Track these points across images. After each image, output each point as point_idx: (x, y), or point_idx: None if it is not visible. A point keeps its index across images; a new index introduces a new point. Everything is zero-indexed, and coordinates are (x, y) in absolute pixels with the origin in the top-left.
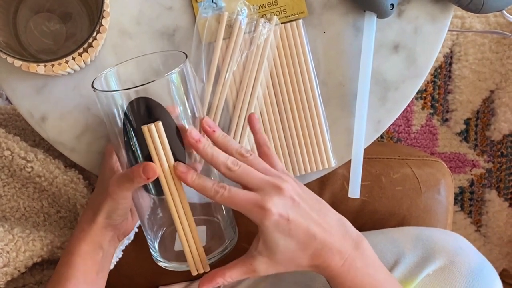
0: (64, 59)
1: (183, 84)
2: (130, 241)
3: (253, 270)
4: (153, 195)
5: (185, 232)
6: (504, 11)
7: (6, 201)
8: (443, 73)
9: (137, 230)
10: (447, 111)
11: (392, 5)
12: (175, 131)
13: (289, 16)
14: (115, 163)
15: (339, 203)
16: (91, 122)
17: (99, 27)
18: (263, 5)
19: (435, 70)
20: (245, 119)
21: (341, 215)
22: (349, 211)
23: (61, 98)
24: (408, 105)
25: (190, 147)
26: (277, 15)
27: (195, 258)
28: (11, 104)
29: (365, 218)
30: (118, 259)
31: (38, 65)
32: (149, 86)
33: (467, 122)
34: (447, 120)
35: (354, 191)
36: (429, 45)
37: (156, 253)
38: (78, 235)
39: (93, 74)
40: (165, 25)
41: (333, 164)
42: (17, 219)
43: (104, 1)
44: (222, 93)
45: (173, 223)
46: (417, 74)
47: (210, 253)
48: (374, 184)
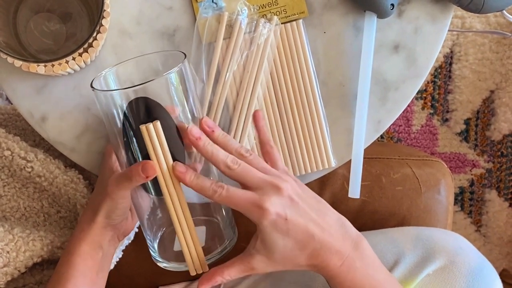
0: (64, 59)
1: (182, 84)
2: (130, 241)
3: (251, 268)
4: (152, 195)
5: (184, 232)
6: (504, 11)
7: (6, 201)
8: (443, 73)
9: (137, 230)
10: (447, 111)
11: (392, 5)
12: (175, 131)
13: (289, 16)
14: (115, 163)
15: (339, 203)
16: (91, 122)
17: (99, 27)
18: (263, 5)
19: (435, 70)
20: (245, 119)
21: (341, 215)
22: (349, 211)
23: (61, 98)
24: (408, 105)
25: (190, 147)
26: (277, 15)
27: (193, 258)
28: (11, 104)
29: (365, 218)
30: (118, 259)
31: (38, 65)
32: (148, 86)
33: (467, 122)
34: (447, 120)
35: (354, 191)
36: (429, 45)
37: (155, 253)
38: (78, 235)
39: (93, 74)
40: (165, 25)
41: (333, 164)
42: (17, 219)
43: (104, 1)
44: (222, 93)
45: (172, 223)
46: (417, 74)
47: (209, 253)
48: (374, 184)
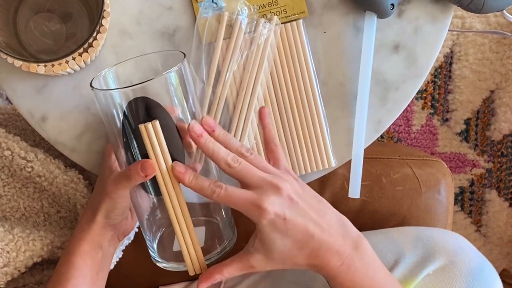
0: (64, 59)
1: (181, 83)
2: (130, 241)
3: (250, 266)
4: (151, 196)
5: (183, 232)
6: (504, 11)
7: (6, 201)
8: (443, 73)
9: (137, 230)
10: (447, 111)
11: (392, 5)
12: (175, 131)
13: (289, 16)
14: (114, 163)
15: (339, 203)
16: (91, 122)
17: (99, 27)
18: (264, 5)
19: (435, 70)
20: (245, 119)
21: (342, 215)
22: (349, 211)
23: (61, 98)
24: (408, 105)
25: (189, 147)
26: (277, 15)
27: (193, 258)
28: (11, 104)
29: (365, 218)
30: (118, 259)
31: (38, 65)
32: (147, 85)
33: (467, 122)
34: (447, 120)
35: (354, 191)
36: (430, 45)
37: (154, 253)
38: (78, 235)
39: (93, 74)
40: (165, 25)
41: (333, 164)
42: (17, 219)
43: (104, 1)
44: (222, 93)
45: (171, 223)
46: (417, 74)
47: (208, 253)
48: (374, 184)
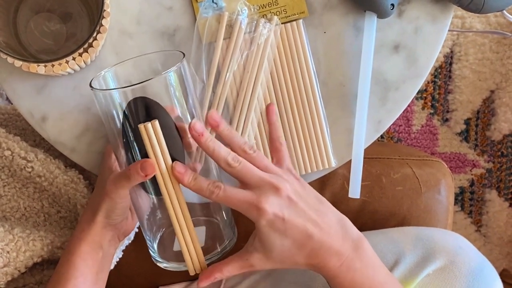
0: (64, 59)
1: (180, 83)
2: (130, 241)
3: (250, 265)
4: (152, 196)
5: (183, 232)
6: (504, 11)
7: (6, 201)
8: (443, 73)
9: (137, 230)
10: (448, 111)
11: (392, 5)
12: (174, 130)
13: (289, 16)
14: (114, 163)
15: (339, 203)
16: (91, 122)
17: (100, 27)
18: (264, 5)
19: (436, 70)
20: (245, 119)
21: (342, 215)
22: (350, 211)
23: (61, 98)
24: (408, 105)
25: (189, 147)
26: (277, 15)
27: (193, 258)
28: (12, 104)
29: (365, 218)
30: (118, 259)
31: (38, 65)
32: (147, 85)
33: (467, 122)
34: (447, 120)
35: (354, 191)
36: (430, 45)
37: (155, 253)
38: (78, 235)
39: (93, 74)
40: (165, 25)
41: (334, 164)
42: (18, 219)
43: (104, 1)
44: (222, 93)
45: (172, 224)
46: (417, 74)
47: (209, 253)
48: (374, 184)
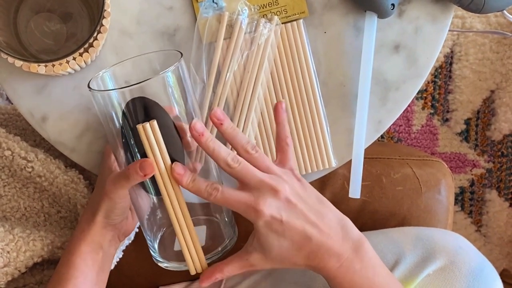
0: (64, 59)
1: (179, 83)
2: (130, 241)
3: (249, 265)
4: (152, 195)
5: (183, 232)
6: (504, 11)
7: (6, 201)
8: (443, 73)
9: (137, 230)
10: (448, 111)
11: (392, 5)
12: (173, 130)
13: (289, 16)
14: (114, 163)
15: (340, 203)
16: (92, 122)
17: (100, 27)
18: (264, 5)
19: (436, 70)
20: (245, 119)
21: (343, 216)
22: (350, 211)
23: (61, 98)
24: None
25: (189, 147)
26: (277, 15)
27: (193, 258)
28: (12, 104)
29: (366, 218)
30: (118, 259)
31: (38, 65)
32: (145, 86)
33: (467, 122)
34: (447, 120)
35: (354, 191)
36: (430, 45)
37: (155, 253)
38: (78, 235)
39: (93, 74)
40: (166, 25)
41: (334, 164)
42: (18, 219)
43: (104, 1)
44: (222, 93)
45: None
46: (417, 74)
47: (209, 252)
48: (374, 184)
